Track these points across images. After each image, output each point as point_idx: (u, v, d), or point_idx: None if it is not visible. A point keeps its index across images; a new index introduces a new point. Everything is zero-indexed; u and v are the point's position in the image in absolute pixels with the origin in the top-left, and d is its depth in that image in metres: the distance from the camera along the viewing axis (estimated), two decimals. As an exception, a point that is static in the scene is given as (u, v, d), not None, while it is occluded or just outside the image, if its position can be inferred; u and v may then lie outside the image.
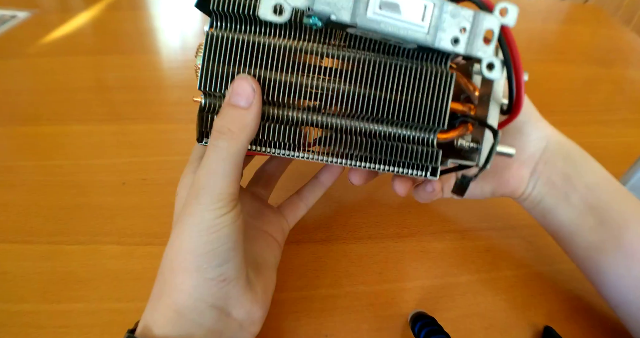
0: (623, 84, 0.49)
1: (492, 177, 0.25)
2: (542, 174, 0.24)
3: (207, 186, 0.17)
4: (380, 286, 0.26)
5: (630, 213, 0.22)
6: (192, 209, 0.17)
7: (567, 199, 0.23)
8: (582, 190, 0.23)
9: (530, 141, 0.24)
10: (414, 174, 0.19)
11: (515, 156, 0.22)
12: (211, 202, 0.17)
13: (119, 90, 0.44)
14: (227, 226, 0.17)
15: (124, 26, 0.57)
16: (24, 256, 0.27)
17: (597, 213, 0.22)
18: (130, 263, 0.27)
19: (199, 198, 0.17)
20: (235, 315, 0.19)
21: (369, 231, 0.30)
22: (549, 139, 0.24)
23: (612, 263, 0.22)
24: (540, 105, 0.45)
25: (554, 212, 0.24)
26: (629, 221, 0.22)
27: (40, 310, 0.25)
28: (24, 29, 0.55)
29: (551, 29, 0.62)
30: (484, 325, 0.25)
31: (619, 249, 0.22)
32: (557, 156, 0.23)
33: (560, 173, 0.23)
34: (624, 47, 0.58)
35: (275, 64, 0.18)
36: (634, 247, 0.21)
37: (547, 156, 0.24)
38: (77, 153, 0.36)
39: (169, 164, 0.34)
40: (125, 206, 0.31)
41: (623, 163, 0.34)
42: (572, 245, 0.24)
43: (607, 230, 0.22)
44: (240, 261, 0.18)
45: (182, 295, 0.18)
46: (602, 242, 0.22)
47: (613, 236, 0.22)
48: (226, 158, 0.17)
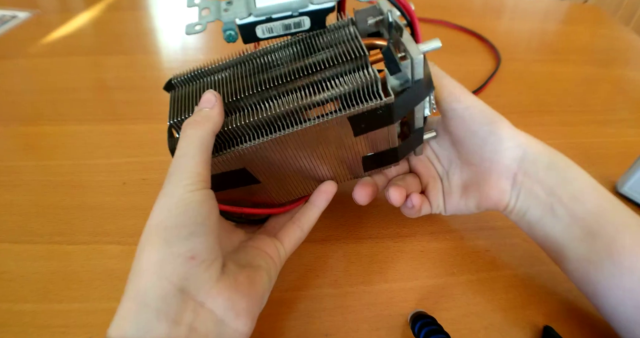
0: (623, 84, 0.49)
1: (474, 191, 0.25)
2: (523, 185, 0.23)
3: (178, 166, 0.19)
4: (380, 286, 0.26)
5: (619, 223, 0.22)
6: (164, 189, 0.18)
7: (552, 211, 0.22)
8: (567, 201, 0.22)
9: (503, 151, 0.23)
10: (368, 103, 0.20)
11: (489, 165, 0.23)
12: (180, 179, 0.18)
13: (119, 90, 0.44)
14: (196, 201, 0.18)
15: (124, 26, 0.57)
16: (25, 256, 0.27)
17: (585, 224, 0.22)
18: (131, 263, 0.27)
19: (170, 177, 0.19)
20: (210, 305, 0.17)
21: (369, 231, 0.30)
22: (526, 148, 0.23)
23: (603, 275, 0.21)
24: (540, 105, 0.45)
25: (540, 224, 0.23)
26: (618, 232, 0.21)
27: (40, 309, 0.25)
28: (25, 29, 0.55)
29: (551, 29, 0.62)
30: (483, 325, 0.25)
31: (609, 260, 0.21)
32: (537, 166, 0.23)
33: (543, 184, 0.23)
34: (623, 47, 0.58)
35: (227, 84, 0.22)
36: (624, 258, 0.21)
37: (526, 166, 0.23)
38: (78, 153, 0.36)
39: (169, 164, 0.34)
40: (126, 206, 0.31)
41: (623, 163, 0.34)
42: (562, 257, 0.23)
43: (596, 241, 0.21)
44: (212, 242, 0.18)
45: (145, 276, 0.17)
46: (592, 254, 0.21)
47: (603, 248, 0.21)
48: (193, 141, 0.19)
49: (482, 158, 0.24)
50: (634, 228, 0.21)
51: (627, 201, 0.33)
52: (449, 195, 0.27)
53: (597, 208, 0.22)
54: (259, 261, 0.22)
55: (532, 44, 0.57)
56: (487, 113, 0.23)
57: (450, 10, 0.64)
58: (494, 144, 0.23)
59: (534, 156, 0.23)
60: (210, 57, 0.51)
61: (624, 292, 0.21)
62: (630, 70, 0.52)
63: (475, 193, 0.25)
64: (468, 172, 0.26)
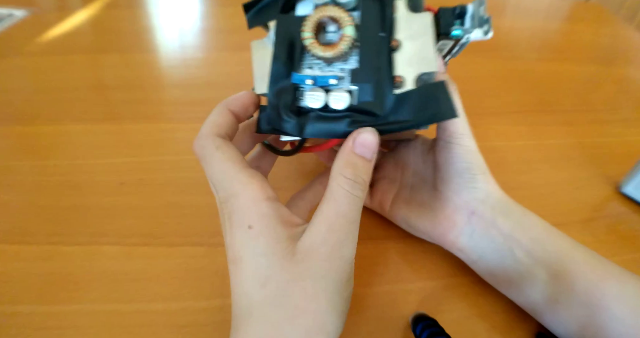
0: (625, 83, 0.49)
1: (430, 212, 0.25)
2: (477, 226, 0.24)
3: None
4: (381, 288, 0.26)
5: (581, 261, 0.22)
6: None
7: (512, 254, 0.23)
8: (527, 244, 0.22)
9: (467, 188, 0.24)
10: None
11: (451, 195, 0.24)
12: None
13: (117, 89, 0.44)
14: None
15: (122, 25, 0.57)
16: (22, 256, 0.27)
17: (547, 265, 0.22)
18: (129, 263, 0.27)
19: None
20: None
21: (370, 232, 0.29)
22: (489, 194, 0.24)
23: (571, 313, 0.21)
24: (542, 104, 0.45)
25: (500, 268, 0.24)
26: (580, 270, 0.21)
27: (37, 311, 0.24)
28: (22, 28, 0.55)
29: (553, 28, 0.62)
30: (485, 327, 0.24)
31: (576, 299, 0.21)
32: (495, 211, 0.23)
33: (500, 229, 0.23)
34: (626, 46, 0.58)
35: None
36: (591, 294, 0.21)
37: (483, 209, 0.24)
38: (75, 152, 0.35)
39: (168, 164, 0.34)
40: (124, 207, 0.31)
41: (625, 163, 0.34)
42: (526, 298, 0.23)
43: (561, 280, 0.22)
44: None
45: None
46: (558, 294, 0.22)
47: (568, 287, 0.21)
48: (360, 209, 0.18)
49: (449, 187, 0.25)
50: (596, 264, 0.22)
51: (630, 201, 0.33)
52: (403, 202, 0.27)
53: (557, 248, 0.22)
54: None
55: (534, 43, 0.56)
56: (476, 160, 0.24)
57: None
58: (467, 180, 0.24)
59: (495, 202, 0.24)
60: (209, 55, 0.51)
61: (595, 328, 0.21)
62: (633, 69, 0.52)
63: (429, 214, 0.26)
64: (430, 194, 0.26)
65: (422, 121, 0.19)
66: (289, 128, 0.19)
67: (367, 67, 0.19)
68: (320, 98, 0.19)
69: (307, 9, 0.20)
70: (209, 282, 0.26)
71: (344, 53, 0.19)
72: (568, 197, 0.33)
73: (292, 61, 0.20)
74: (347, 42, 0.19)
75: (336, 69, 0.20)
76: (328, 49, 0.19)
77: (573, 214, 0.32)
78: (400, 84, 0.19)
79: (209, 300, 0.25)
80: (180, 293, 0.25)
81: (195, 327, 0.24)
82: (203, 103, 0.41)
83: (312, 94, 0.19)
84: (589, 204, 0.33)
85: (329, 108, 0.19)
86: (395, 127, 0.19)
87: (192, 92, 0.43)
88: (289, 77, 0.19)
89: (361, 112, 0.19)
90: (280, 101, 0.19)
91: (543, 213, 0.25)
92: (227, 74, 0.46)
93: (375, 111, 0.19)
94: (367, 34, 0.19)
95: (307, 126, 0.19)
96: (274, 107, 0.19)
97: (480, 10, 0.21)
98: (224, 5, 0.64)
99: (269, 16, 0.21)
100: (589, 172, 0.36)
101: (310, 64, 0.20)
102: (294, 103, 0.19)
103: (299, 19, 0.20)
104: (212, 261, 0.27)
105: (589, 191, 0.34)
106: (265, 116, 0.20)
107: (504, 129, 0.40)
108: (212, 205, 0.32)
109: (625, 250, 0.29)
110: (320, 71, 0.20)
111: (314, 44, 0.19)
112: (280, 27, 0.20)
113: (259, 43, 0.21)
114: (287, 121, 0.19)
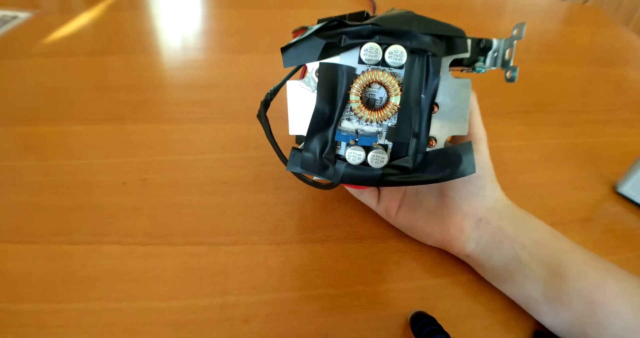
0: (623, 84, 0.49)
1: (438, 219, 0.26)
2: (485, 232, 0.24)
3: None
4: (380, 286, 0.26)
5: (581, 262, 0.23)
6: None
7: (517, 258, 0.23)
8: (529, 246, 0.23)
9: (477, 196, 0.25)
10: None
11: (460, 203, 0.25)
12: None
13: (119, 90, 0.44)
14: None
15: (124, 26, 0.57)
16: (24, 256, 0.27)
17: (548, 265, 0.23)
18: (131, 263, 0.27)
19: None
20: None
21: (369, 231, 0.30)
22: (497, 201, 0.25)
23: (571, 311, 0.22)
24: (540, 105, 0.45)
25: (507, 271, 0.24)
26: (581, 270, 0.22)
27: (40, 310, 0.25)
28: (25, 30, 0.55)
29: (551, 29, 0.62)
30: (484, 325, 0.25)
31: (576, 296, 0.22)
32: (502, 217, 0.24)
33: (506, 233, 0.24)
34: (623, 47, 0.58)
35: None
36: (592, 292, 0.21)
37: (490, 216, 0.25)
38: (78, 153, 0.36)
39: (170, 164, 0.34)
40: (126, 206, 0.31)
41: (622, 163, 0.34)
42: (527, 296, 0.24)
43: (561, 279, 0.22)
44: None
45: None
46: (558, 291, 0.22)
47: (568, 285, 0.22)
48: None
49: (459, 194, 0.25)
50: (596, 264, 0.23)
51: (627, 201, 0.33)
52: (410, 207, 0.28)
53: (559, 250, 0.23)
54: None
55: (532, 44, 0.57)
56: (488, 167, 0.25)
57: (450, 9, 0.64)
58: (477, 188, 0.25)
59: (500, 208, 0.25)
60: (211, 57, 0.51)
61: (597, 327, 0.21)
62: (630, 70, 0.52)
63: (438, 221, 0.26)
64: (437, 200, 0.27)
65: (445, 177, 0.21)
66: (326, 174, 0.21)
67: (405, 127, 0.20)
68: (361, 157, 0.21)
69: (351, 60, 0.20)
70: (210, 281, 0.26)
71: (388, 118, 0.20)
72: (565, 197, 0.34)
73: (332, 109, 0.21)
74: (392, 111, 0.20)
75: (374, 124, 0.21)
76: (374, 114, 0.20)
77: (570, 213, 0.32)
78: (432, 145, 0.21)
79: (210, 298, 0.25)
80: (181, 292, 0.26)
81: (196, 325, 0.24)
82: (205, 104, 0.42)
83: (353, 152, 0.21)
84: (586, 204, 0.33)
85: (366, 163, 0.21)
86: (421, 181, 0.21)
87: (193, 93, 0.43)
88: (329, 127, 0.21)
89: (393, 168, 0.21)
90: (319, 149, 0.21)
91: (540, 213, 0.25)
92: (228, 76, 0.47)
93: (407, 167, 0.21)
94: (409, 97, 0.20)
95: (343, 175, 0.21)
96: (312, 153, 0.21)
97: (504, 52, 0.22)
98: (226, 7, 0.65)
99: (306, 59, 0.21)
100: (586, 172, 0.36)
101: (349, 116, 0.21)
102: (332, 152, 0.21)
103: (343, 71, 0.20)
104: (213, 260, 0.27)
105: (586, 191, 0.34)
106: (298, 158, 0.21)
107: (501, 130, 0.40)
108: (213, 205, 0.32)
109: (622, 249, 0.30)
110: (358, 124, 0.21)
111: (361, 107, 0.20)
112: (323, 77, 0.21)
113: (296, 84, 0.21)
114: (325, 167, 0.21)
